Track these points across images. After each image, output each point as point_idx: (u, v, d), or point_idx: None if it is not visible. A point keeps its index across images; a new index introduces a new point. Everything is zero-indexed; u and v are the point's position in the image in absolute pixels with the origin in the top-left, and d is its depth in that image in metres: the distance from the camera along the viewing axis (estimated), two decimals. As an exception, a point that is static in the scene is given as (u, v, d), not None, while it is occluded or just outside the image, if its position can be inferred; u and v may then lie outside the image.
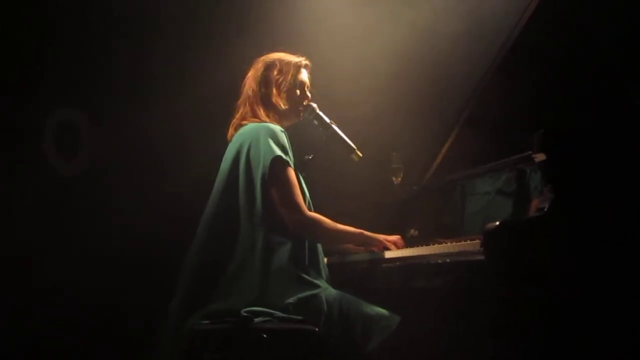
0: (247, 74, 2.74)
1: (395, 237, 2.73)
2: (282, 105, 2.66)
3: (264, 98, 2.66)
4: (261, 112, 2.64)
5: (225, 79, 2.88)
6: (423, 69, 3.94)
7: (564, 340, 2.28)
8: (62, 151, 3.71)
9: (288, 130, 2.66)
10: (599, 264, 2.23)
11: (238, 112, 2.70)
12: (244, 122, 2.64)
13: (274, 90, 2.66)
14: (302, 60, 2.75)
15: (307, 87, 2.77)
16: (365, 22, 3.99)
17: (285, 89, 2.68)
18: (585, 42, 2.65)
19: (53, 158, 3.67)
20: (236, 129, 2.66)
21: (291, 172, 2.51)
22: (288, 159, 2.51)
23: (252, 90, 2.67)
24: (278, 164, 2.47)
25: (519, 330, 2.40)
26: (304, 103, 2.75)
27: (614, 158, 2.35)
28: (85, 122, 3.79)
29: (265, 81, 2.67)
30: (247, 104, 2.67)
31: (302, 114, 2.76)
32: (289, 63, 2.71)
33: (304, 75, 2.75)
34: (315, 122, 2.82)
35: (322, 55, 3.39)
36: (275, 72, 2.68)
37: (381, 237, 2.71)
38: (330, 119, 2.83)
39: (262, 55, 2.76)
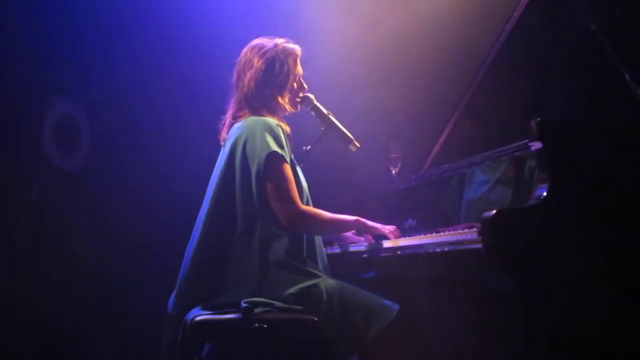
0: (240, 63, 2.66)
1: (391, 227, 2.74)
2: (283, 103, 2.64)
3: (264, 98, 2.60)
4: (259, 110, 2.59)
5: (220, 73, 2.86)
6: (420, 58, 3.94)
7: (562, 327, 2.29)
8: (62, 145, 3.71)
9: (285, 119, 2.66)
10: (596, 251, 2.24)
11: (231, 110, 2.65)
12: (238, 120, 2.60)
13: (276, 92, 2.62)
14: (297, 49, 2.68)
15: (302, 77, 2.74)
16: (363, 11, 3.99)
17: (286, 88, 2.64)
18: (583, 30, 2.65)
19: (52, 152, 3.67)
20: (229, 129, 2.63)
21: (286, 167, 2.50)
22: (284, 153, 2.50)
23: (251, 91, 2.59)
24: (273, 159, 2.47)
25: (518, 317, 2.41)
26: (301, 94, 2.75)
27: (610, 146, 2.36)
28: (85, 117, 3.79)
29: (266, 82, 2.60)
30: (242, 102, 2.61)
31: (299, 106, 2.76)
32: (287, 56, 2.63)
33: (300, 65, 2.71)
34: (313, 113, 2.82)
35: (319, 46, 3.40)
36: (277, 70, 2.60)
37: (378, 225, 2.72)
38: (327, 109, 2.84)
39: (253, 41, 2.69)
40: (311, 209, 2.56)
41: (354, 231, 2.87)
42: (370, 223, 2.69)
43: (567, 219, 2.22)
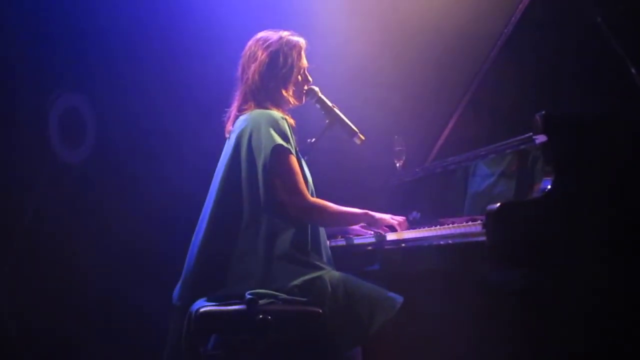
0: (245, 56, 2.67)
1: (400, 218, 2.74)
2: (287, 96, 2.65)
3: (268, 91, 2.61)
4: (264, 103, 2.60)
5: (224, 66, 2.86)
6: (425, 51, 3.93)
7: (565, 321, 2.29)
8: (66, 138, 3.71)
9: (289, 112, 2.66)
10: (600, 244, 2.24)
11: (236, 102, 2.66)
12: (243, 113, 2.61)
13: (281, 85, 2.63)
14: (302, 42, 2.68)
15: (307, 70, 2.74)
16: (365, 4, 3.98)
17: (290, 80, 2.65)
18: (588, 23, 2.65)
19: (57, 146, 3.67)
20: (234, 121, 2.64)
21: (293, 160, 2.51)
22: (289, 146, 2.51)
23: (255, 83, 2.60)
24: (279, 152, 2.48)
25: (521, 311, 2.42)
26: (306, 87, 2.75)
27: (615, 139, 2.36)
28: (89, 110, 3.79)
29: (270, 74, 2.60)
30: (247, 95, 2.62)
31: (304, 99, 2.76)
32: (292, 48, 2.64)
33: (304, 58, 2.71)
34: (318, 105, 2.83)
35: (323, 39, 3.40)
36: (280, 63, 2.61)
37: (386, 216, 2.72)
38: (332, 102, 2.84)
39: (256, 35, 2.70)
40: (319, 201, 2.57)
41: (361, 224, 2.87)
42: (378, 215, 2.70)
43: (571, 212, 2.22)
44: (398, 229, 2.70)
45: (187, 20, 3.82)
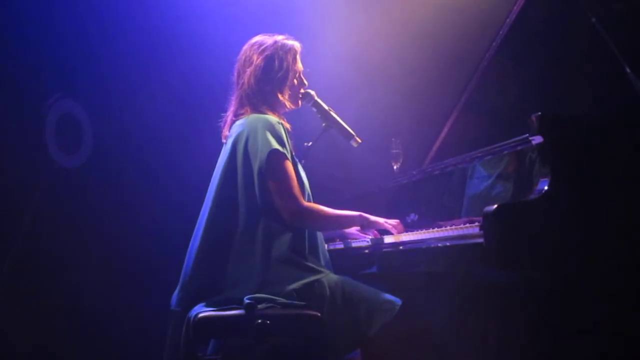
0: (240, 61, 2.67)
1: (394, 221, 2.75)
2: (283, 99, 2.65)
3: (264, 95, 2.62)
4: (260, 107, 2.61)
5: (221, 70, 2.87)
6: (421, 53, 3.94)
7: (563, 323, 2.30)
8: (63, 144, 3.71)
9: (286, 116, 2.66)
10: (598, 245, 2.24)
11: (232, 107, 2.66)
12: (239, 118, 2.62)
13: (276, 88, 2.63)
14: (297, 46, 2.69)
15: (303, 73, 2.74)
16: (364, 7, 3.99)
17: (286, 84, 2.65)
18: (583, 24, 2.65)
19: (54, 151, 3.67)
20: (230, 126, 2.64)
21: (288, 165, 2.51)
22: (285, 151, 2.51)
23: (251, 88, 2.61)
24: (275, 157, 2.48)
25: (519, 313, 2.41)
26: (302, 91, 2.75)
27: (611, 139, 2.36)
28: (86, 115, 3.79)
29: (266, 79, 2.61)
30: (243, 100, 2.62)
31: (300, 102, 2.76)
32: (287, 52, 2.64)
33: (299, 61, 2.71)
34: (314, 109, 2.83)
35: (320, 41, 3.41)
36: (276, 67, 2.61)
37: (381, 219, 2.73)
38: (328, 105, 2.84)
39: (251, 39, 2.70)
40: (313, 205, 2.57)
41: (357, 227, 2.87)
42: (372, 218, 2.70)
43: (568, 213, 2.23)
44: (394, 232, 2.70)
45: (183, 28, 3.83)
